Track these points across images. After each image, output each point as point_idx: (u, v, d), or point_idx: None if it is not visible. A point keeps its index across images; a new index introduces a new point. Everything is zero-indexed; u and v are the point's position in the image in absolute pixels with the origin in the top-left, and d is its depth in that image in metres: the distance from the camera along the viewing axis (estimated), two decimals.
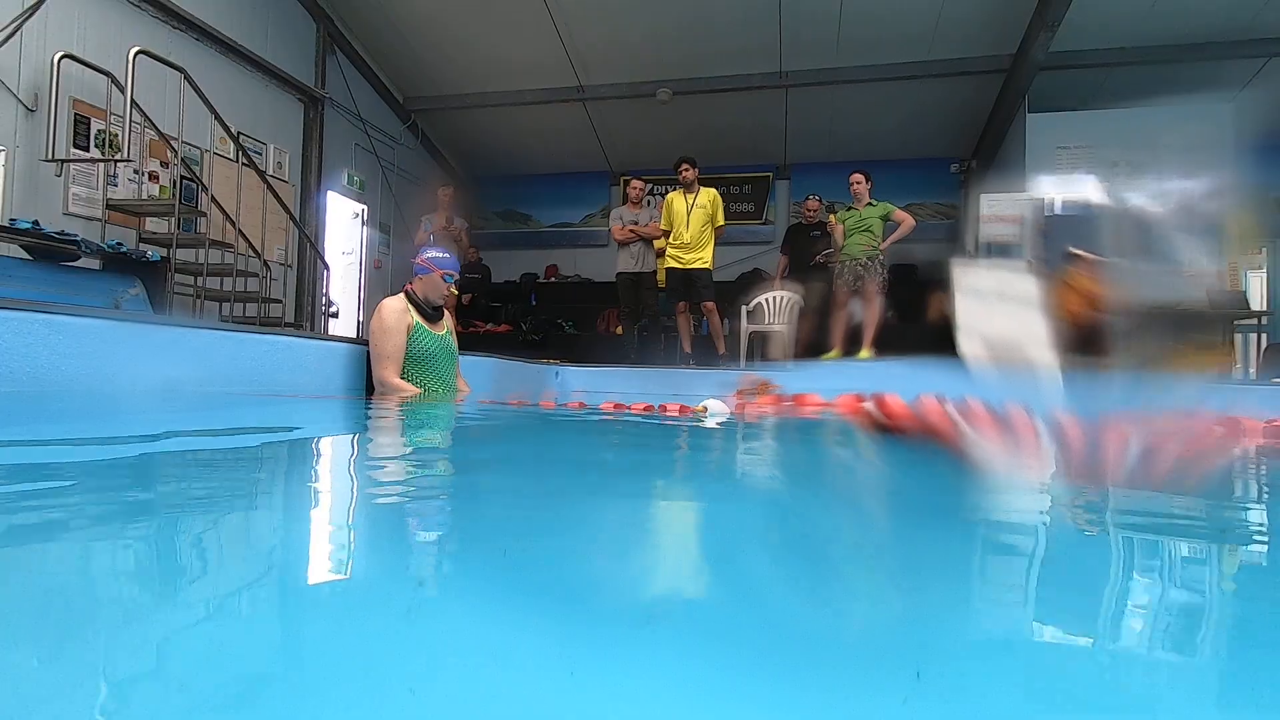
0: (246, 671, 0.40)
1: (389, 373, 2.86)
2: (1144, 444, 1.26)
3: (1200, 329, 6.65)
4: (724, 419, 2.19)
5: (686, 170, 5.94)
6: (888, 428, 1.57)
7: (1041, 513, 1.00)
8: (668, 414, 2.29)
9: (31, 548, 0.65)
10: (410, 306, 2.99)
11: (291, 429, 1.76)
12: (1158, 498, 1.09)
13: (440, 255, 3.10)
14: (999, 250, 6.90)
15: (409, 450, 1.48)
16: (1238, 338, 7.39)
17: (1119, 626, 0.54)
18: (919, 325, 8.15)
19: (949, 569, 0.69)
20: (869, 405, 1.65)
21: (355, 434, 1.74)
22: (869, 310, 5.72)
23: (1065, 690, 0.41)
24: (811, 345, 6.26)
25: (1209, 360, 6.27)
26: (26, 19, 4.58)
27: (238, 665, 0.41)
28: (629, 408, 2.45)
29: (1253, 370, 7.25)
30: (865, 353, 5.56)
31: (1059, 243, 6.51)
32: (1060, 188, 7.20)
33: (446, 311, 3.24)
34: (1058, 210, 7.33)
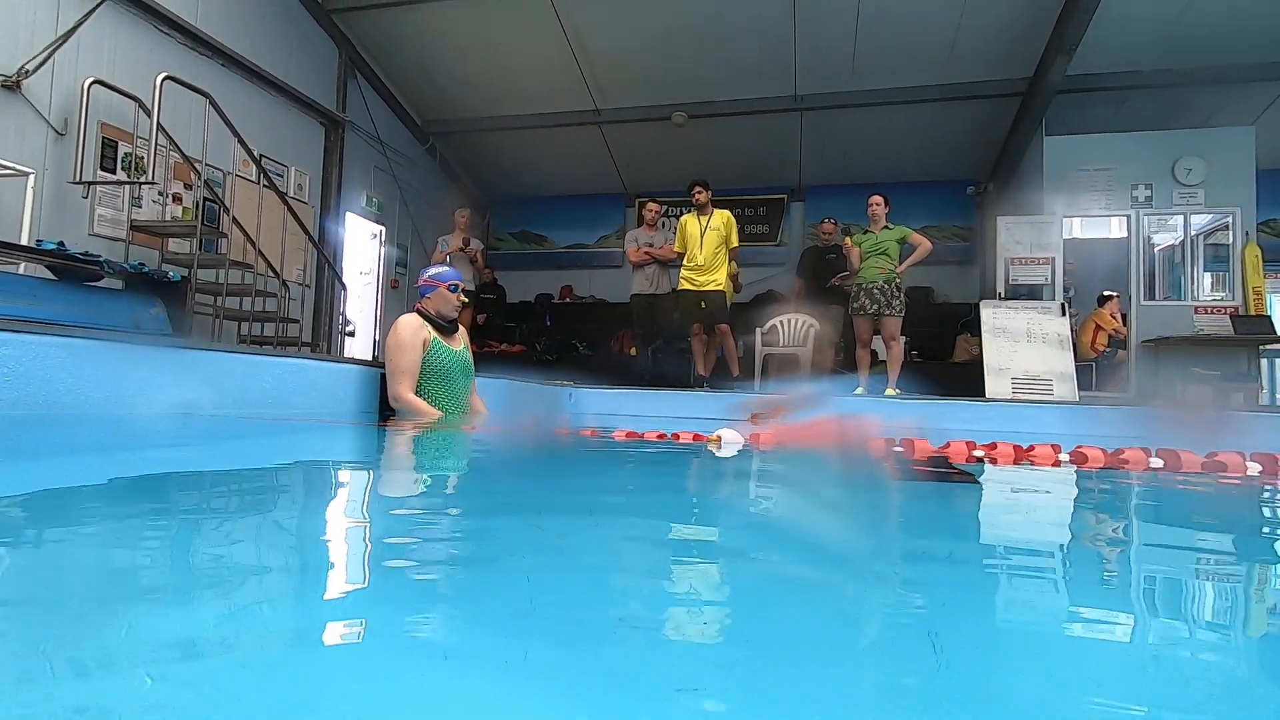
0: None
1: (404, 388, 2.85)
2: None
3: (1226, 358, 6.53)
4: (739, 449, 2.16)
5: (699, 193, 5.95)
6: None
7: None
8: (681, 443, 2.26)
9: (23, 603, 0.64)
10: (426, 323, 3.00)
11: (305, 464, 1.75)
12: None
13: (440, 270, 3.13)
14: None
15: (423, 492, 1.46)
16: (1263, 363, 7.23)
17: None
18: (935, 355, 8.13)
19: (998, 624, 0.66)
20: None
21: (370, 473, 1.73)
22: (892, 349, 5.66)
23: None
24: (830, 369, 6.22)
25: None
26: (59, 46, 4.71)
27: None
28: (642, 436, 2.42)
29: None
30: (891, 391, 5.49)
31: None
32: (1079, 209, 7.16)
33: (462, 327, 3.25)
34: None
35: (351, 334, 7.47)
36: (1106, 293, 7.29)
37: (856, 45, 7.25)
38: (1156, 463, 1.69)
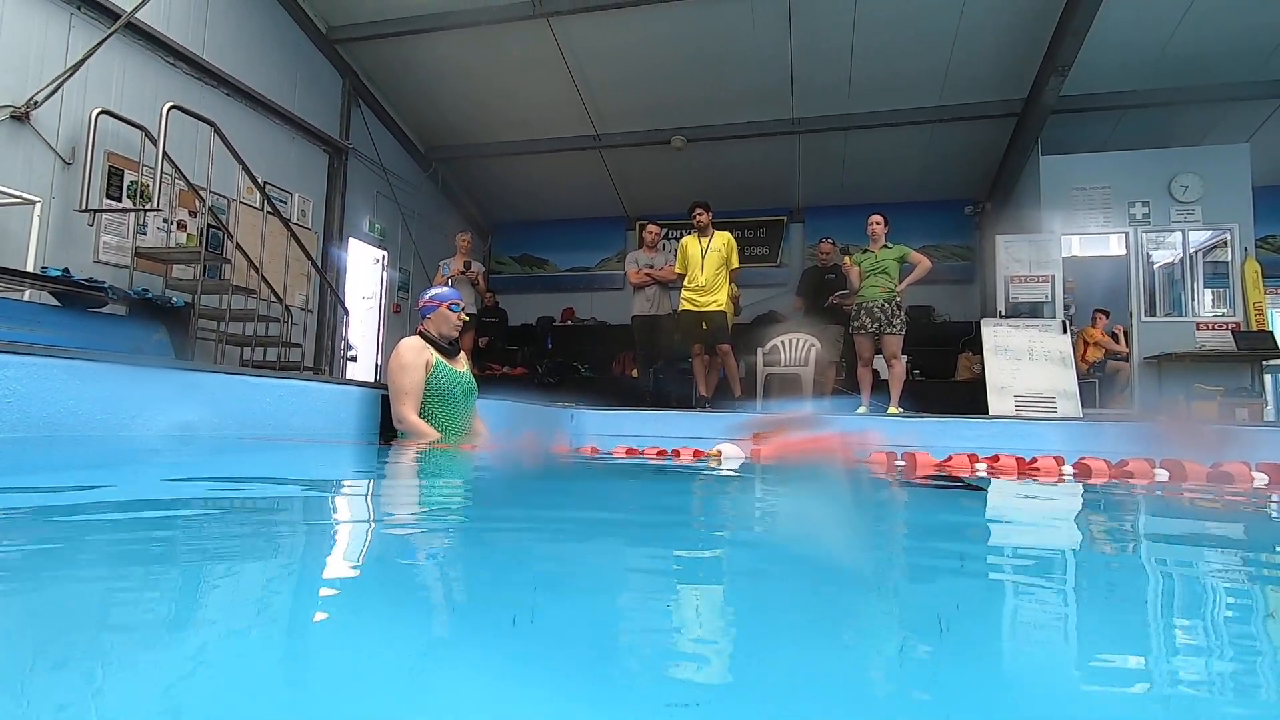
0: None
1: (408, 409, 2.84)
2: None
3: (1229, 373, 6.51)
4: (739, 463, 2.15)
5: (700, 214, 5.99)
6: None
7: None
8: (681, 459, 2.25)
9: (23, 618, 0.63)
10: (428, 344, 3.00)
11: (305, 479, 1.74)
12: None
13: (439, 290, 3.14)
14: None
15: (424, 507, 1.45)
16: (1267, 379, 7.20)
17: None
18: (937, 374, 8.13)
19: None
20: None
21: (370, 488, 1.72)
22: (894, 368, 5.65)
23: None
24: (832, 389, 6.21)
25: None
26: (68, 77, 4.79)
27: None
28: (642, 453, 2.41)
29: None
30: (893, 409, 5.48)
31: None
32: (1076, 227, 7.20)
33: (463, 350, 3.25)
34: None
35: (354, 358, 7.49)
36: (1096, 309, 7.43)
37: (852, 69, 7.35)
38: (1161, 474, 1.68)
